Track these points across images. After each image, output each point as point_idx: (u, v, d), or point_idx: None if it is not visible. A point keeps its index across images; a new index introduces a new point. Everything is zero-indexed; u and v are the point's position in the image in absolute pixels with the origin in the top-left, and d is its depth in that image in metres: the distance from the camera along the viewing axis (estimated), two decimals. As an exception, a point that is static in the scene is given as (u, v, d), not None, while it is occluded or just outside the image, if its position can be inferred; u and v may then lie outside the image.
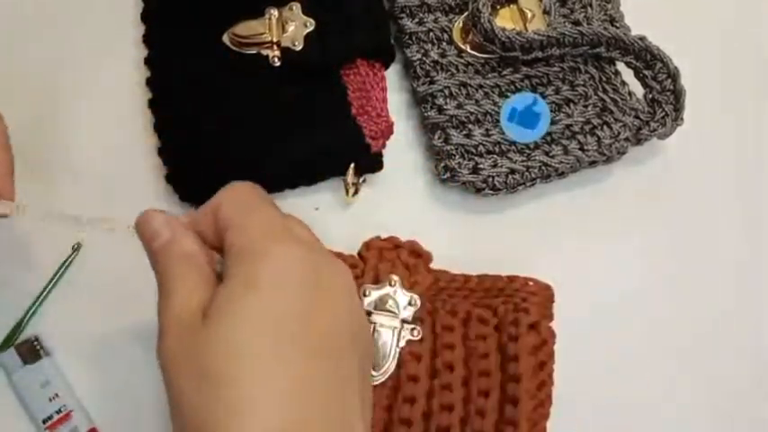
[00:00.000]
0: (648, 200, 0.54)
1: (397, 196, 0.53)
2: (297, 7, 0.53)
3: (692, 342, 0.51)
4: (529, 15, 0.55)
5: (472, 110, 0.52)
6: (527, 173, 0.51)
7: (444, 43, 0.54)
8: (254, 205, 0.36)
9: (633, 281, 0.52)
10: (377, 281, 0.46)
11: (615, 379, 0.49)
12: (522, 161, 0.51)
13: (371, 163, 0.52)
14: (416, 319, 0.46)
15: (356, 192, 0.51)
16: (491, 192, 0.51)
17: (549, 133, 0.52)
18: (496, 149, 0.52)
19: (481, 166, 0.51)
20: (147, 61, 0.53)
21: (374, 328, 0.45)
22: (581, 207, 0.54)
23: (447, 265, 0.48)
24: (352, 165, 0.51)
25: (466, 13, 0.55)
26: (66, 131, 0.53)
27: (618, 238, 0.53)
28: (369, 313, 0.46)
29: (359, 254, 0.47)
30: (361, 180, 0.52)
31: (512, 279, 0.47)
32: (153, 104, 0.52)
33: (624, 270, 0.52)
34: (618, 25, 0.54)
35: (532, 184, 0.52)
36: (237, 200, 0.36)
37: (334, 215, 0.52)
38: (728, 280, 0.53)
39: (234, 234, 0.34)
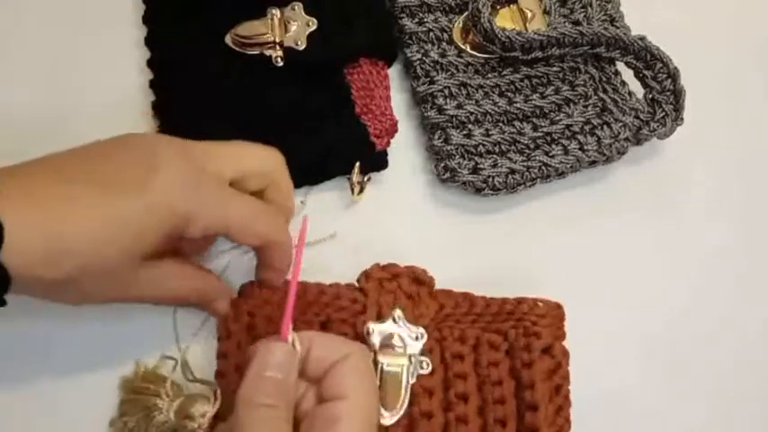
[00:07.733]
0: (648, 200, 0.54)
1: (397, 196, 0.53)
2: (299, 7, 0.53)
3: (693, 340, 0.51)
4: (529, 15, 0.55)
5: (472, 110, 0.52)
6: (527, 173, 0.51)
7: (444, 43, 0.54)
8: (370, 379, 0.39)
9: (633, 280, 0.52)
10: (380, 315, 0.45)
11: (614, 377, 0.49)
12: (522, 161, 0.52)
13: (376, 161, 0.52)
14: (425, 351, 0.44)
15: (361, 190, 0.51)
16: (491, 192, 0.52)
17: (548, 133, 0.52)
18: (496, 149, 0.52)
19: (481, 166, 0.51)
20: (150, 63, 0.54)
21: (381, 369, 0.43)
22: (581, 207, 0.54)
23: (446, 265, 0.48)
24: (357, 163, 0.51)
25: (466, 13, 0.55)
26: (67, 132, 0.53)
27: (618, 237, 0.53)
28: (374, 353, 0.44)
29: (358, 282, 0.47)
30: (366, 178, 0.52)
31: (520, 301, 0.46)
32: (156, 106, 0.53)
33: (624, 269, 0.52)
34: (618, 25, 0.54)
35: (532, 184, 0.52)
36: (360, 366, 0.39)
37: (335, 215, 0.52)
38: (730, 279, 0.53)
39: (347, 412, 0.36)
